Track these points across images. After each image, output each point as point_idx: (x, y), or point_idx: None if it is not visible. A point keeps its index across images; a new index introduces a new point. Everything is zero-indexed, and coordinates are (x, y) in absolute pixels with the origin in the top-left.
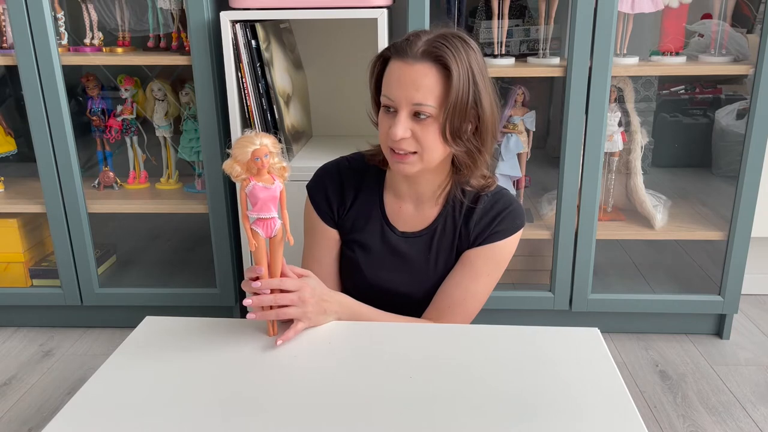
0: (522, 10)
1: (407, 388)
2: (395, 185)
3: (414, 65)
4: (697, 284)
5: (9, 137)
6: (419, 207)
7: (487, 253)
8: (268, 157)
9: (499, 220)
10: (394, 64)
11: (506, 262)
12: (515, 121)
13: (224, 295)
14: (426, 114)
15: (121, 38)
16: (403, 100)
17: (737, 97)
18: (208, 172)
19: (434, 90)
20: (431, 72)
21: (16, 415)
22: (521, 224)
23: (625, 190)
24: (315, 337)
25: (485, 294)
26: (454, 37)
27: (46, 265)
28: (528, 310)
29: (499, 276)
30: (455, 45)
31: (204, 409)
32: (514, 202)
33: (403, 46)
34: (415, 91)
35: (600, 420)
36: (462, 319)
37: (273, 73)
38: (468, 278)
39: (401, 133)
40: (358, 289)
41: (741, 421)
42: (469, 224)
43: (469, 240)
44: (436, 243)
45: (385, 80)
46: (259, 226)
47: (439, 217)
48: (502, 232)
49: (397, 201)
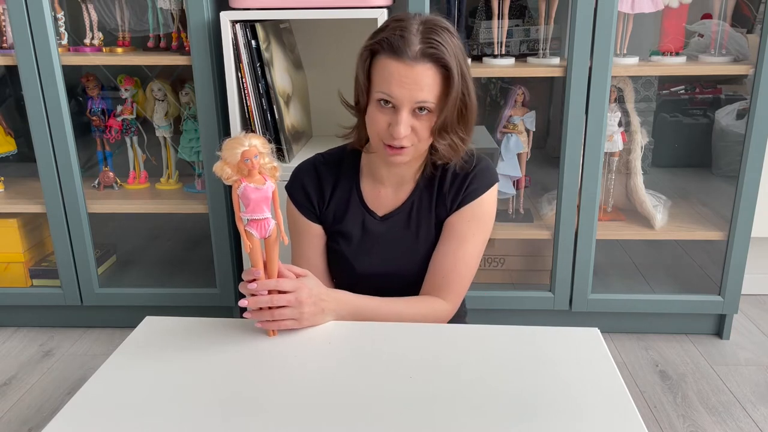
0: (522, 10)
1: (407, 388)
2: (375, 171)
3: (414, 66)
4: (697, 284)
5: (9, 137)
6: (397, 189)
7: (466, 215)
8: (258, 158)
9: (470, 179)
10: (390, 63)
11: (489, 220)
12: (515, 121)
13: (224, 295)
14: (427, 110)
15: (121, 38)
16: (406, 99)
17: (737, 97)
18: (208, 172)
19: (434, 88)
20: (431, 72)
21: (16, 415)
22: (493, 179)
23: (625, 190)
24: (315, 337)
25: (475, 256)
26: (441, 29)
27: (46, 265)
28: (528, 310)
29: (484, 236)
30: (446, 40)
31: (204, 409)
32: (482, 161)
33: (398, 45)
34: (419, 90)
35: (600, 420)
36: (459, 287)
37: (273, 73)
38: (455, 245)
39: (404, 132)
40: (351, 282)
41: (741, 421)
42: (443, 190)
43: (446, 206)
44: (414, 216)
45: (381, 77)
46: (253, 227)
47: (414, 191)
48: (475, 191)
49: (375, 186)
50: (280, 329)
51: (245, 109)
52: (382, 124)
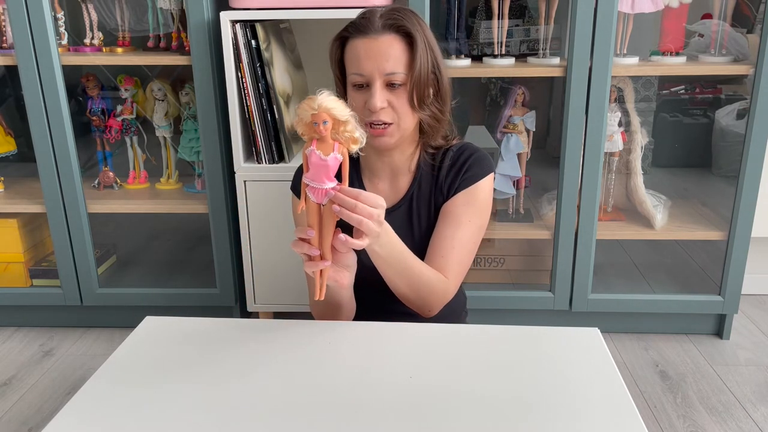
0: (522, 10)
1: (407, 388)
2: (370, 163)
3: (378, 38)
4: (697, 284)
5: (9, 137)
6: (393, 181)
7: (462, 200)
8: (328, 124)
9: (467, 167)
10: (357, 42)
11: (484, 207)
12: (515, 121)
13: (224, 295)
14: (398, 82)
15: (121, 38)
16: (375, 71)
17: (737, 97)
18: (208, 172)
19: (401, 58)
20: (396, 42)
21: (16, 415)
22: (490, 167)
23: (625, 190)
24: (315, 337)
25: (471, 241)
26: (405, 10)
27: (46, 265)
28: (528, 310)
29: (480, 222)
30: (409, 16)
31: (204, 409)
32: (478, 150)
33: (362, 23)
34: (385, 61)
35: (600, 420)
36: (458, 267)
37: (273, 73)
38: (452, 227)
39: (380, 103)
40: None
41: (741, 421)
42: (439, 179)
43: (443, 194)
44: (415, 208)
45: (351, 59)
46: (311, 191)
47: (412, 184)
48: (471, 177)
49: (373, 180)
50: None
51: (245, 109)
52: (359, 104)
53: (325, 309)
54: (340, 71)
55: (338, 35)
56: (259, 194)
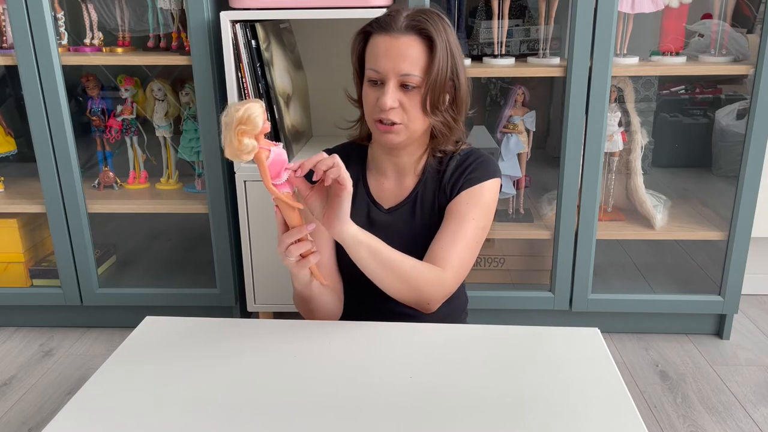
0: (522, 10)
1: (407, 388)
2: (377, 160)
3: (400, 38)
4: (697, 284)
5: (9, 137)
6: (399, 180)
7: (466, 198)
8: (248, 127)
9: (471, 169)
10: (378, 38)
11: (487, 209)
12: (515, 121)
13: (224, 295)
14: (413, 84)
15: (121, 38)
16: (391, 71)
17: (737, 97)
18: (208, 172)
19: (419, 61)
20: (416, 44)
21: (16, 415)
22: (495, 171)
23: (625, 190)
24: (315, 337)
25: (473, 239)
26: (432, 12)
27: (46, 265)
28: (528, 310)
29: (483, 223)
30: (434, 20)
31: (204, 409)
32: (484, 155)
33: (386, 21)
34: (402, 61)
35: (600, 420)
36: (458, 261)
37: (273, 73)
38: (455, 224)
39: (390, 103)
40: (358, 273)
41: (741, 422)
42: (443, 181)
43: (447, 194)
44: (419, 207)
45: (370, 54)
46: (281, 188)
47: (418, 184)
48: (476, 179)
49: (379, 178)
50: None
51: None
52: (371, 100)
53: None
54: (360, 65)
55: (362, 29)
56: (259, 194)
